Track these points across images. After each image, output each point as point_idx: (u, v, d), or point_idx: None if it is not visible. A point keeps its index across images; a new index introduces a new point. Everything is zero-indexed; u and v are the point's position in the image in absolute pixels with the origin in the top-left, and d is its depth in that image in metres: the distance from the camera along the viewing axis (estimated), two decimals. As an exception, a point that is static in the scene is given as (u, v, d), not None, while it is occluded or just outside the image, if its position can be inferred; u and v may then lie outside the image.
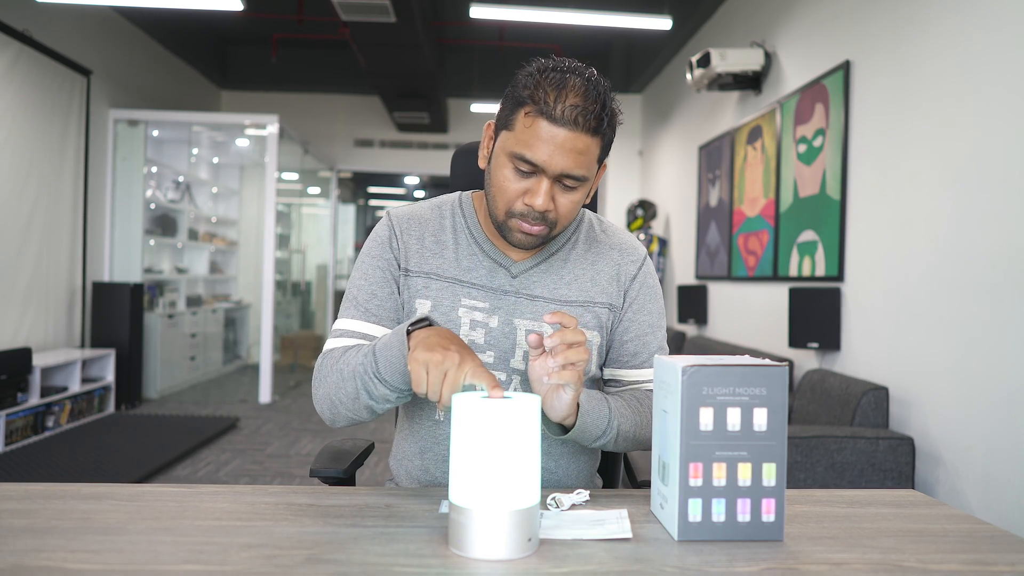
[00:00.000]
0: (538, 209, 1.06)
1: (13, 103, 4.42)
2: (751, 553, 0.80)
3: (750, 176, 4.43)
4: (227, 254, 7.98)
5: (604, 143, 1.08)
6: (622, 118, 1.10)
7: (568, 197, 1.08)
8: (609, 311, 1.20)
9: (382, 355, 0.99)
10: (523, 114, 1.04)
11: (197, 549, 0.78)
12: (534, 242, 1.11)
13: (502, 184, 1.08)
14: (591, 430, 1.07)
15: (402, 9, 4.85)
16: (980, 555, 0.81)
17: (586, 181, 1.07)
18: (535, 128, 1.03)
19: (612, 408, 1.09)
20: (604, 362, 1.23)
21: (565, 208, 1.08)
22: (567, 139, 1.02)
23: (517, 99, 1.05)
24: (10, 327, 4.44)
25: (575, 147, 1.03)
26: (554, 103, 1.02)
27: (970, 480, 2.43)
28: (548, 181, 1.05)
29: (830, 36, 3.49)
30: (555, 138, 1.02)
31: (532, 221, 1.08)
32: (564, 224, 1.11)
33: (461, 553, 0.78)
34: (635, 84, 6.98)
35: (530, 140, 1.03)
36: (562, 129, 1.02)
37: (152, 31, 6.23)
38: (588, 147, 1.04)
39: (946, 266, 2.56)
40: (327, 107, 8.21)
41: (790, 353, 3.76)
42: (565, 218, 1.10)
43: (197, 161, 7.26)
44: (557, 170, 1.04)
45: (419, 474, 1.20)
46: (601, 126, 1.04)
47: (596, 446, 1.11)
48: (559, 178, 1.05)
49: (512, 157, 1.06)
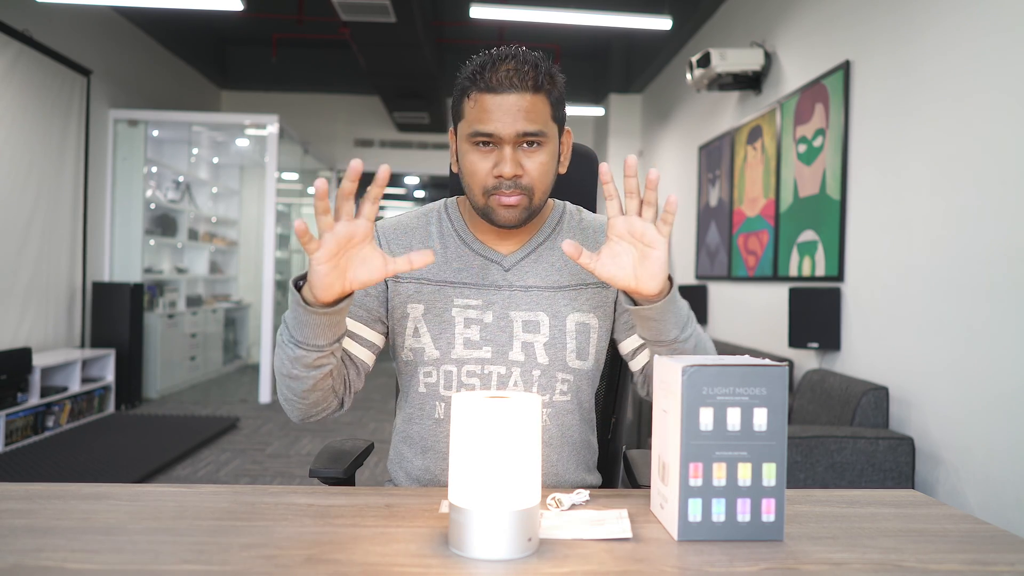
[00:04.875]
0: (508, 176, 1.09)
1: (13, 103, 4.42)
2: (751, 553, 0.80)
3: (750, 176, 4.43)
4: (227, 254, 7.98)
5: (552, 101, 1.11)
6: (563, 78, 1.15)
7: (534, 159, 1.11)
8: (604, 288, 1.21)
9: (290, 317, 1.01)
10: (468, 99, 1.10)
11: (197, 549, 0.78)
12: (518, 215, 1.12)
13: (471, 168, 1.12)
14: (682, 304, 1.04)
15: (402, 9, 4.86)
16: (980, 555, 0.81)
17: (545, 137, 1.10)
18: (481, 104, 1.09)
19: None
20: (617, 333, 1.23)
21: (536, 171, 1.11)
22: (511, 102, 1.08)
23: (460, 90, 1.12)
24: (10, 327, 4.44)
25: (520, 107, 1.08)
26: (490, 76, 1.08)
27: (970, 480, 2.43)
28: (509, 147, 1.09)
29: (830, 36, 3.49)
30: (501, 105, 1.08)
31: (508, 191, 1.10)
32: (541, 190, 1.13)
33: (461, 553, 0.78)
34: (635, 84, 6.98)
35: (480, 116, 1.09)
36: (504, 95, 1.08)
37: (152, 31, 6.23)
38: (533, 104, 1.09)
39: (946, 266, 2.56)
40: (327, 107, 8.21)
41: (790, 353, 3.76)
42: (540, 181, 1.12)
43: (197, 161, 7.26)
44: (511, 132, 1.08)
45: (419, 474, 1.20)
46: (539, 82, 1.09)
47: (683, 336, 1.04)
48: (519, 142, 1.09)
49: (470, 139, 1.11)
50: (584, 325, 1.18)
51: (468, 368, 1.16)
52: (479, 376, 1.16)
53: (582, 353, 1.18)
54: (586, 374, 1.20)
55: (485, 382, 1.16)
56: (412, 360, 1.19)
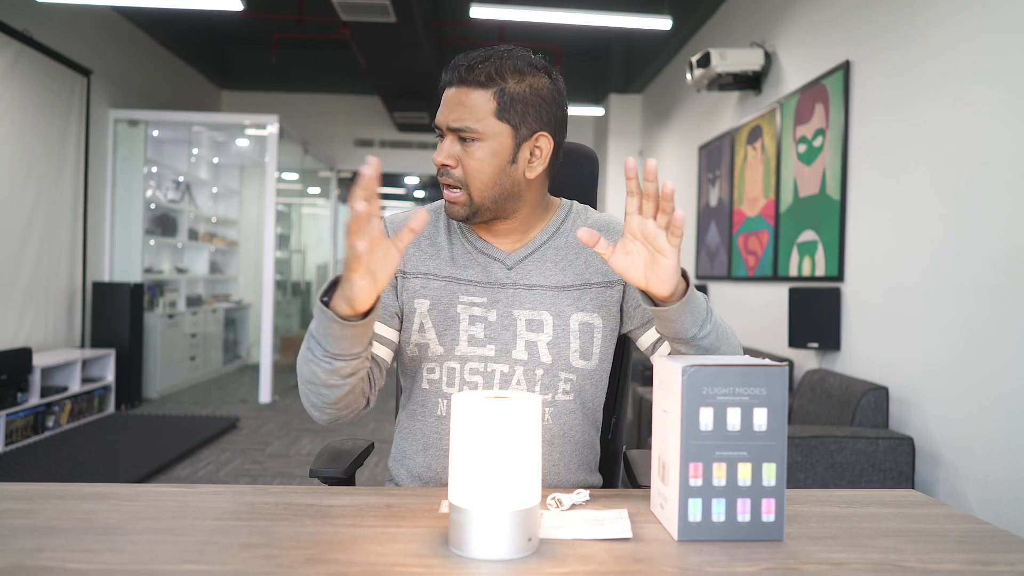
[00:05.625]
0: (436, 163, 1.12)
1: (13, 103, 4.42)
2: (751, 553, 0.80)
3: (750, 176, 4.43)
4: (227, 254, 7.98)
5: (500, 99, 1.09)
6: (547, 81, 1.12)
7: (469, 154, 1.11)
8: (609, 287, 1.20)
9: (319, 333, 1.00)
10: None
11: (197, 549, 0.78)
12: (460, 211, 1.14)
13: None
14: (700, 302, 1.03)
15: (402, 9, 4.86)
16: (980, 555, 0.81)
17: (476, 134, 1.09)
18: (442, 96, 1.13)
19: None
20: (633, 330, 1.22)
21: (469, 166, 1.11)
22: (454, 95, 1.11)
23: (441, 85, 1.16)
24: (10, 327, 4.44)
25: (460, 100, 1.10)
26: (449, 71, 1.12)
27: (970, 480, 2.43)
28: (448, 139, 1.11)
29: (830, 36, 3.49)
30: (448, 98, 1.11)
31: (446, 183, 1.13)
32: (479, 187, 1.12)
33: (461, 553, 0.78)
34: (635, 84, 6.98)
35: (439, 108, 1.13)
36: (451, 88, 1.11)
37: (152, 31, 6.23)
38: (474, 100, 1.09)
39: (946, 266, 2.56)
40: (327, 107, 8.21)
41: (790, 353, 3.76)
42: (474, 178, 1.11)
43: (197, 161, 7.26)
44: (444, 124, 1.11)
45: (421, 471, 1.20)
46: (487, 77, 1.09)
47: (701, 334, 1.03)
48: (458, 136, 1.10)
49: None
50: (588, 325, 1.18)
51: (471, 366, 1.16)
52: (482, 374, 1.16)
53: (585, 353, 1.18)
54: (590, 374, 1.20)
55: (488, 380, 1.16)
56: (416, 356, 1.19)
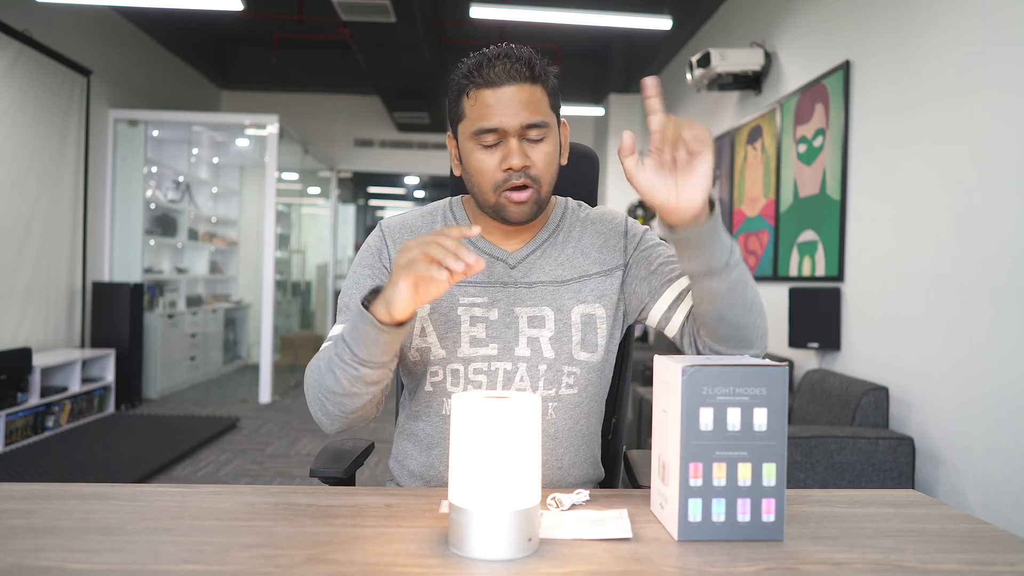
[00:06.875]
0: (517, 167, 1.09)
1: (13, 103, 4.42)
2: (751, 553, 0.80)
3: (750, 176, 4.43)
4: (227, 254, 7.98)
5: (548, 91, 1.12)
6: (555, 70, 1.15)
7: (540, 150, 1.11)
8: (608, 275, 1.20)
9: (351, 336, 0.99)
10: (467, 98, 1.11)
11: (197, 549, 0.78)
12: (528, 210, 1.12)
13: (479, 167, 1.12)
14: (723, 235, 0.99)
15: (402, 9, 4.86)
16: (980, 555, 0.81)
17: (547, 128, 1.11)
18: (481, 100, 1.09)
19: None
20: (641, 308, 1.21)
21: (542, 162, 1.11)
22: (511, 94, 1.08)
23: (457, 90, 1.12)
24: (10, 327, 4.44)
25: (521, 98, 1.08)
26: (487, 72, 1.09)
27: (970, 480, 2.43)
28: (515, 140, 1.09)
29: (830, 36, 3.49)
30: (501, 99, 1.08)
31: (518, 186, 1.10)
32: (548, 181, 1.13)
33: (461, 553, 0.78)
34: (635, 84, 6.97)
35: (482, 112, 1.09)
36: (503, 88, 1.08)
37: (152, 31, 6.23)
38: (533, 94, 1.09)
39: (946, 266, 2.56)
40: (327, 107, 8.21)
41: (790, 353, 3.76)
42: (546, 172, 1.12)
43: (197, 161, 7.26)
44: (516, 124, 1.08)
45: (423, 471, 1.20)
46: (535, 72, 1.10)
47: (733, 260, 1.01)
48: (523, 135, 1.09)
49: (475, 137, 1.10)
50: (590, 316, 1.18)
51: (475, 366, 1.16)
52: (486, 373, 1.16)
53: (588, 345, 1.18)
54: (594, 366, 1.19)
55: (491, 379, 1.16)
56: (419, 360, 1.19)
